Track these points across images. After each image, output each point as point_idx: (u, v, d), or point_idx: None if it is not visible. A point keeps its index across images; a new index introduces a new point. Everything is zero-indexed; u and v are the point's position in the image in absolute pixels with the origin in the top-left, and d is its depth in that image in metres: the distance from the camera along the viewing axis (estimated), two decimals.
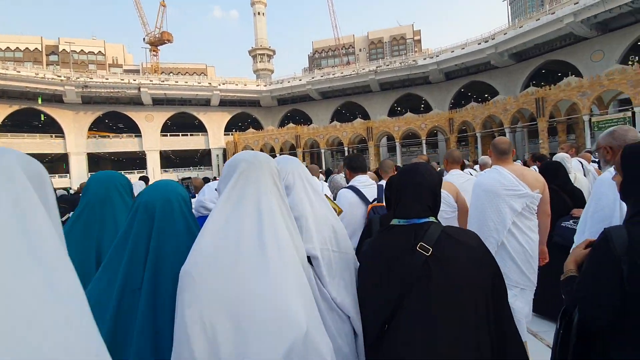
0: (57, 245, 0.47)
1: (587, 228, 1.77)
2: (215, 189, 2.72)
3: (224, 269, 0.93)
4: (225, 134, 43.78)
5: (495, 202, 2.54)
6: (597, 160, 7.43)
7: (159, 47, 58.40)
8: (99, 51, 63.65)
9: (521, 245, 2.51)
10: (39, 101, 34.27)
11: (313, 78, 42.31)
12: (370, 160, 32.11)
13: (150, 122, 40.93)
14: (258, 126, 44.93)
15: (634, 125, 21.37)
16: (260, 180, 1.07)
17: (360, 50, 74.29)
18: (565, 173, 3.65)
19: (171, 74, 46.01)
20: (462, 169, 3.84)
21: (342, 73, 41.10)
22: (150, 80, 39.21)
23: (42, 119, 35.87)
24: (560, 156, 4.23)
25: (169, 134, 42.42)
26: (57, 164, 39.81)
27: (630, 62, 24.40)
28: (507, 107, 27.66)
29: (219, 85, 41.70)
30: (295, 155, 35.86)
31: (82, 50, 62.16)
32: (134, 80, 38.50)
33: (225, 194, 1.04)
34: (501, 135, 29.90)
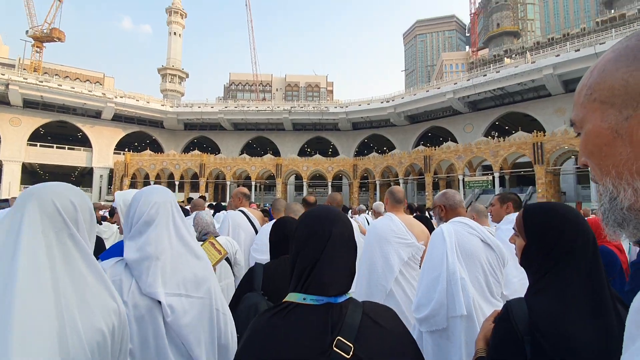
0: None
1: (423, 276, 1.99)
2: None
3: None
4: (115, 152, 38.47)
5: (385, 249, 2.53)
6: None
7: (44, 44, 50.16)
8: None
9: (407, 295, 2.47)
10: None
11: (226, 107, 41.24)
12: (277, 196, 31.71)
13: (16, 127, 33.53)
14: (158, 149, 40.89)
15: (494, 187, 26.05)
16: (25, 218, 0.82)
17: (277, 89, 76.59)
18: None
19: (56, 76, 39.32)
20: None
21: (257, 107, 41.13)
22: (24, 78, 32.66)
23: None
24: None
25: (39, 144, 35.22)
26: None
27: (491, 136, 30.25)
28: (402, 160, 31.05)
29: (115, 97, 37.10)
30: (197, 185, 33.36)
31: None
32: (2, 74, 31.54)
33: None
34: (396, 184, 33.17)
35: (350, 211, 12.00)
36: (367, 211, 8.74)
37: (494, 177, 25.85)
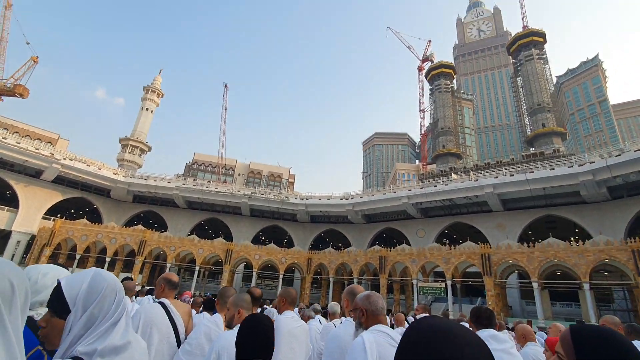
0: None
1: None
2: None
3: None
4: (44, 217, 34.25)
5: None
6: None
7: (3, 98, 48.38)
8: None
9: None
10: None
11: (184, 184, 40.02)
12: (222, 284, 28.76)
13: None
14: (96, 219, 37.20)
15: (446, 295, 25.85)
16: None
17: (239, 174, 77.33)
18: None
19: (4, 130, 36.83)
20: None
21: (216, 188, 40.36)
22: None
23: None
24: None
25: None
26: None
27: (442, 244, 31.42)
28: (358, 258, 30.58)
29: (64, 159, 34.79)
30: (132, 264, 29.67)
31: None
32: None
33: None
34: (350, 283, 31.91)
35: (297, 309, 10.78)
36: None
37: (446, 285, 25.87)
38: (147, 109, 62.96)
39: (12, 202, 33.94)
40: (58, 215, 34.22)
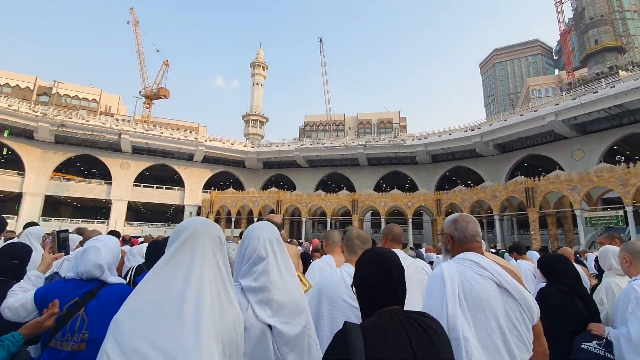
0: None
1: None
2: None
3: (143, 325, 1.00)
4: (203, 191, 41.61)
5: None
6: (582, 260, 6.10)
7: (153, 101, 59.07)
8: (94, 98, 63.62)
9: None
10: (6, 134, 31.95)
11: (302, 145, 42.27)
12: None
13: (125, 170, 38.61)
14: (239, 187, 43.20)
15: (626, 224, 20.74)
16: (198, 249, 1.13)
17: (349, 128, 77.62)
18: (574, 270, 2.63)
19: (156, 126, 45.33)
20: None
21: (331, 144, 41.31)
22: (134, 128, 38.01)
23: (5, 153, 33.10)
24: (605, 250, 2.93)
25: (142, 184, 39.85)
26: (8, 203, 35.83)
27: (615, 163, 24.93)
28: (496, 193, 27.20)
29: (205, 141, 40.87)
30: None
31: (76, 95, 62.01)
32: (116, 125, 37.18)
33: (165, 258, 1.12)
34: (490, 221, 28.98)
35: (424, 249, 9.85)
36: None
37: (625, 212, 20.65)
38: (257, 84, 67.79)
39: (179, 183, 42.22)
40: (212, 188, 41.04)
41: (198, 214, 39.74)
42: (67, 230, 2.49)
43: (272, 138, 50.03)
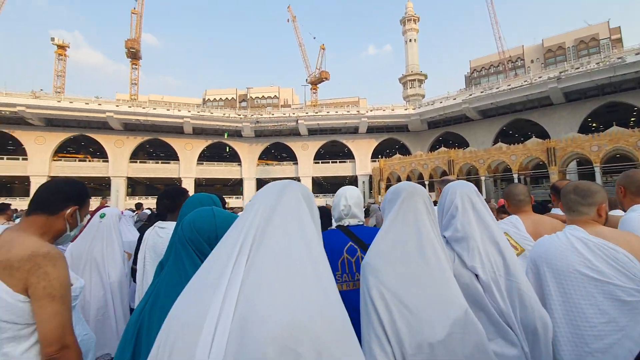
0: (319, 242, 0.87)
1: None
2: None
3: (395, 264, 1.21)
4: (372, 161, 43.40)
5: None
6: None
7: (318, 85, 65.09)
8: (274, 95, 76.08)
9: None
10: (225, 136, 42.42)
11: (471, 95, 37.30)
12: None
13: (306, 151, 44.60)
14: (405, 152, 42.66)
15: None
16: (416, 207, 1.31)
17: (531, 61, 62.96)
18: None
19: (322, 107, 49.69)
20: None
21: (509, 86, 34.61)
22: (306, 113, 43.04)
23: (227, 150, 44.16)
24: None
25: (320, 161, 45.14)
26: (236, 187, 48.03)
27: None
28: None
29: (367, 112, 42.05)
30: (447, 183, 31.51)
31: (262, 96, 75.74)
32: (293, 114, 43.09)
33: (392, 215, 1.34)
34: None
35: None
36: None
37: None
38: (410, 40, 63.88)
39: (349, 156, 45.47)
40: (379, 157, 42.21)
41: (370, 182, 41.92)
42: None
43: (434, 95, 46.26)
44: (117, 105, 38.13)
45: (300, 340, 0.66)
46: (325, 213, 3.33)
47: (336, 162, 45.19)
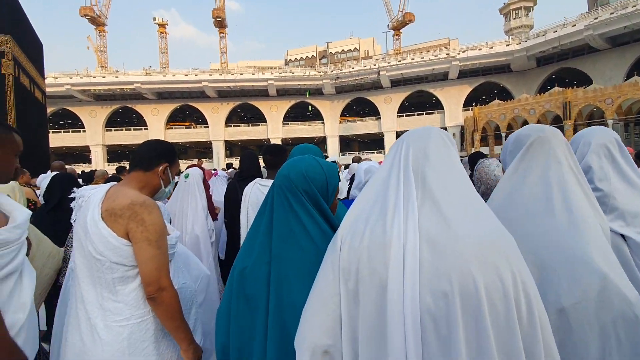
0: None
1: None
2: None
3: (514, 225, 1.04)
4: (464, 110, 39.31)
5: None
6: None
7: (401, 31, 59.72)
8: (355, 48, 72.58)
9: None
10: (307, 95, 42.86)
11: (596, 19, 29.79)
12: None
13: (389, 104, 42.54)
14: (506, 97, 37.25)
15: None
16: (547, 153, 1.16)
17: None
18: None
19: (407, 54, 45.70)
20: None
21: None
22: (388, 62, 40.28)
23: (310, 109, 44.79)
24: None
25: (405, 114, 42.70)
26: (320, 145, 49.16)
27: None
28: None
29: (458, 54, 37.27)
30: (561, 130, 26.76)
31: (342, 50, 73.01)
32: (374, 65, 40.76)
33: (513, 166, 1.21)
34: None
35: None
36: None
37: None
38: None
39: (437, 106, 41.83)
40: (473, 104, 37.87)
41: (462, 134, 38.36)
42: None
43: (545, 25, 38.21)
44: (210, 75, 41.45)
45: (496, 256, 0.76)
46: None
47: (422, 114, 42.17)
